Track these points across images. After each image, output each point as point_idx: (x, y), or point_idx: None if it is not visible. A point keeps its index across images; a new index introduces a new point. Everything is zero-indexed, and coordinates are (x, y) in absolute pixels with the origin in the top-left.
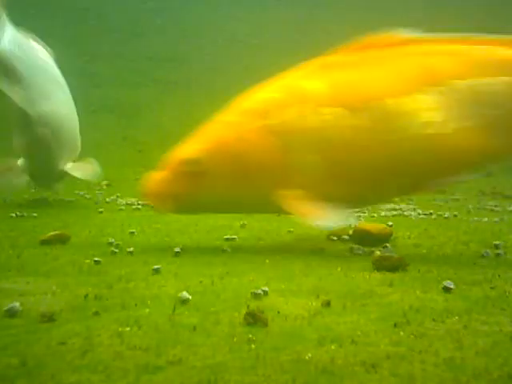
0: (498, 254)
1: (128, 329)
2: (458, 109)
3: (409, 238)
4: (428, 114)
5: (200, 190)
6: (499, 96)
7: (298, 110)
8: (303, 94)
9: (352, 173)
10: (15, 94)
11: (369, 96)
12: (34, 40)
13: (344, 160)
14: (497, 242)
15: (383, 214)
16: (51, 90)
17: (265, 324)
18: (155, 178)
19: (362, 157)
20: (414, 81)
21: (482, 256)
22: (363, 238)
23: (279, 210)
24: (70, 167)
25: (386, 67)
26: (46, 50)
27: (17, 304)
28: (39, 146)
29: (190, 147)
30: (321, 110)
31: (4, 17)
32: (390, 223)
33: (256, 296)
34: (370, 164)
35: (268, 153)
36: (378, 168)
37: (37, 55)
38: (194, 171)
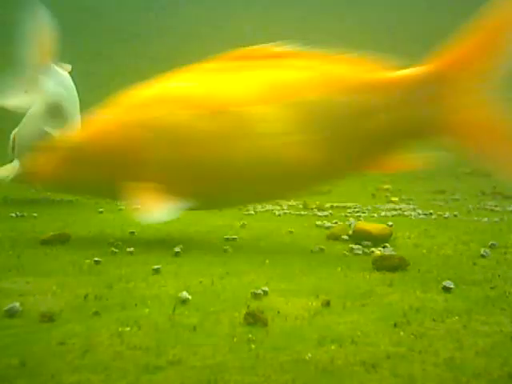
0: (497, 254)
1: (128, 329)
2: (304, 123)
3: (409, 238)
4: (276, 125)
5: (76, 174)
6: (346, 115)
7: (162, 109)
8: (173, 94)
9: (202, 174)
10: (58, 131)
11: (227, 102)
12: (58, 64)
13: (196, 160)
14: (494, 242)
15: (383, 214)
16: (78, 113)
17: (265, 324)
18: (39, 158)
19: (212, 159)
20: (270, 92)
21: (482, 256)
22: (363, 238)
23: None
24: None
25: (251, 77)
26: (66, 67)
27: (17, 304)
28: None
29: (71, 135)
30: (181, 110)
31: (52, 65)
32: (390, 223)
33: (256, 296)
34: (219, 168)
35: (129, 146)
36: (227, 172)
37: (71, 86)
38: (71, 156)
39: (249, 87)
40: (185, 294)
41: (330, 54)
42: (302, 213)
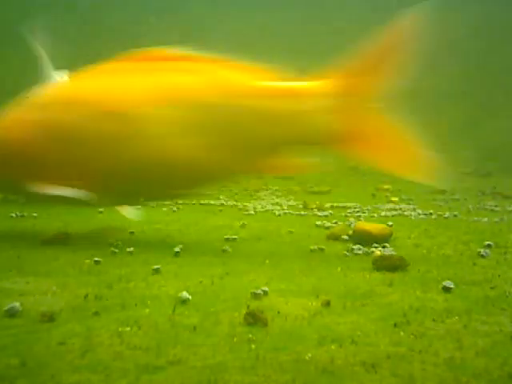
0: (497, 254)
1: (128, 329)
2: (196, 126)
3: (409, 238)
4: (167, 126)
5: None
6: (238, 120)
7: (57, 108)
8: (68, 94)
9: (96, 172)
10: None
11: (121, 103)
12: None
13: (90, 159)
14: (493, 242)
15: (383, 214)
16: None
17: (265, 324)
18: None
19: (106, 159)
20: (164, 95)
21: (482, 256)
22: (363, 238)
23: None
24: None
25: (147, 79)
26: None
27: (17, 304)
28: None
29: None
30: (76, 110)
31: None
32: (390, 223)
33: (256, 296)
34: (113, 167)
35: (24, 145)
36: (120, 172)
37: None
38: None
39: (144, 89)
40: (185, 294)
41: (228, 59)
42: (302, 213)
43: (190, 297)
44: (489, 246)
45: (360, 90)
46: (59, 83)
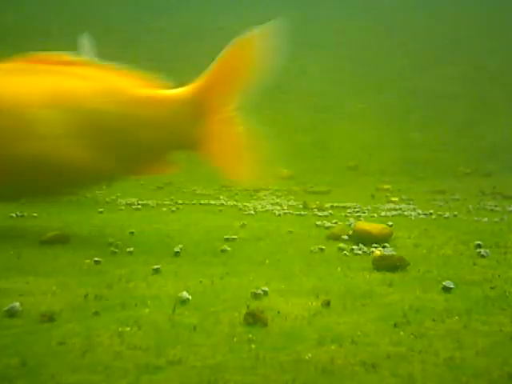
0: (497, 254)
1: (128, 329)
2: (79, 129)
3: (409, 238)
4: (53, 127)
5: None
6: (116, 125)
7: None
8: None
9: None
10: None
11: (10, 102)
12: None
13: None
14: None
15: (383, 214)
16: None
17: (265, 324)
18: None
19: None
20: (51, 97)
21: (482, 256)
22: (363, 238)
23: None
24: None
25: (39, 81)
26: None
27: (17, 304)
28: None
29: None
30: None
31: None
32: (390, 223)
33: (256, 296)
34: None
35: None
36: (5, 168)
37: None
38: None
39: (34, 90)
40: (185, 294)
41: (115, 67)
42: (302, 213)
43: (190, 297)
44: (488, 246)
45: (215, 99)
46: None
